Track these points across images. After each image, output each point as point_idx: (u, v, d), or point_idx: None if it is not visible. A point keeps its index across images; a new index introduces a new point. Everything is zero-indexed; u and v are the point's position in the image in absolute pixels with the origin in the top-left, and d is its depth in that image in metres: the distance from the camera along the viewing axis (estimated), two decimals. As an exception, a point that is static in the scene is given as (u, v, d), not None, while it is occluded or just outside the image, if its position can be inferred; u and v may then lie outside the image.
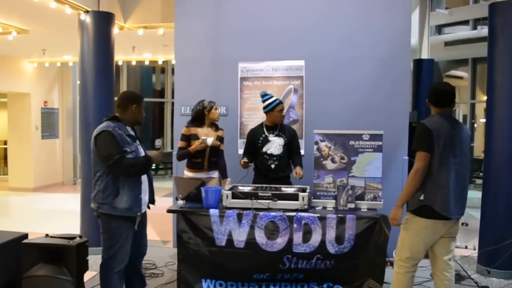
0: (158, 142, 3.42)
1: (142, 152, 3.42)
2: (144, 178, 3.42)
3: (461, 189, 3.16)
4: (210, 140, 4.44)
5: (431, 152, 3.05)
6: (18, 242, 3.25)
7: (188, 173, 4.60)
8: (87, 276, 3.65)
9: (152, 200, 3.60)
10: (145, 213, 3.56)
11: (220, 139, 4.62)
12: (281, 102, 4.35)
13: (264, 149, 4.34)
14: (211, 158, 4.56)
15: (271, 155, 4.33)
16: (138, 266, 3.64)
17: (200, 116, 4.52)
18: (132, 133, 3.41)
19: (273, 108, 4.31)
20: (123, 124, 3.35)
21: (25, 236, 3.42)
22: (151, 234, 6.13)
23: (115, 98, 4.12)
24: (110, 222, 3.27)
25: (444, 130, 3.07)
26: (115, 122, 3.32)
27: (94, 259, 4.60)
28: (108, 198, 3.25)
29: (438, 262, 3.28)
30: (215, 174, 4.65)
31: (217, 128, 4.63)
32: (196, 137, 4.44)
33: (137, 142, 3.43)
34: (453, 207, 3.10)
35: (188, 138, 4.49)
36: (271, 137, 4.34)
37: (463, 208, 3.22)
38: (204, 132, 4.51)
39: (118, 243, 3.28)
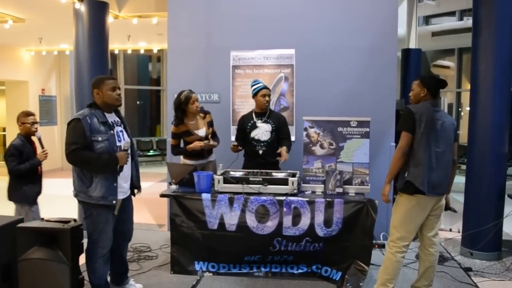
0: (125, 146, 3.35)
1: (121, 139, 3.35)
2: (125, 165, 3.35)
3: (442, 171, 3.31)
4: (202, 131, 4.42)
5: (412, 133, 3.26)
6: (13, 226, 3.26)
7: (187, 161, 4.53)
8: (82, 259, 3.70)
9: (137, 186, 3.59)
10: (129, 199, 3.56)
11: (211, 123, 4.52)
12: (265, 88, 4.37)
13: (252, 135, 4.39)
14: None
15: (259, 141, 4.38)
16: (121, 251, 3.64)
17: (181, 111, 4.34)
18: (110, 120, 3.32)
19: (256, 93, 4.36)
20: (100, 111, 3.28)
21: (21, 220, 3.45)
22: (147, 218, 6.27)
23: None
24: (89, 208, 3.28)
25: (426, 114, 3.27)
26: (92, 109, 3.27)
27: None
28: (82, 186, 3.24)
29: (423, 239, 3.50)
30: (212, 157, 4.64)
31: (205, 115, 4.50)
32: (188, 133, 4.35)
33: (118, 129, 3.35)
34: (432, 184, 3.26)
35: (179, 136, 4.40)
36: (259, 123, 4.40)
37: (445, 188, 3.38)
38: (195, 126, 4.40)
39: (98, 228, 3.30)
